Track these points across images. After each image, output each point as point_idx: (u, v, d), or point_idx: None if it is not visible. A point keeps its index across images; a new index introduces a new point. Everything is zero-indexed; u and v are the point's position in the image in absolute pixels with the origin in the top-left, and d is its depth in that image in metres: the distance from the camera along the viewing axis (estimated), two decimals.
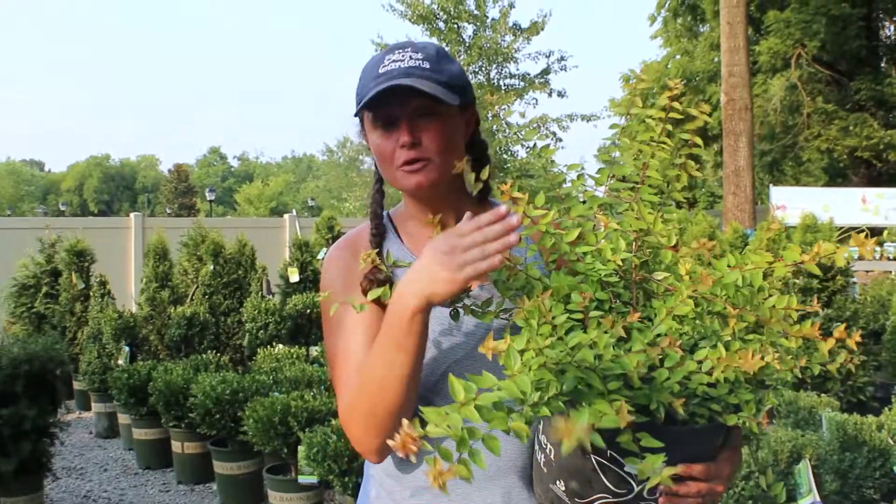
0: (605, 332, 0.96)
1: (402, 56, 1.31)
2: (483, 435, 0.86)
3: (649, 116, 1.14)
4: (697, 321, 1.03)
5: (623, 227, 1.11)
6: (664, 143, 1.13)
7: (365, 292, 1.32)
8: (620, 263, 1.08)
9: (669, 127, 1.12)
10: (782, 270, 1.01)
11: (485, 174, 1.23)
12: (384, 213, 1.48)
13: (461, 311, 1.17)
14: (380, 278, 1.32)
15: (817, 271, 1.04)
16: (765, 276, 1.02)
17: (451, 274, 1.09)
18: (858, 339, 0.98)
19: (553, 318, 0.97)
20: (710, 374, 0.97)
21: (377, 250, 1.36)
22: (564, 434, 0.83)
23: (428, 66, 1.30)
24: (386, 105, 1.30)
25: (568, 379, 0.92)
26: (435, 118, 1.32)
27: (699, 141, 1.14)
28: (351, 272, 1.39)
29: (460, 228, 1.12)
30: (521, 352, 0.93)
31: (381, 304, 1.28)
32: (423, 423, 0.86)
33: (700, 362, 0.97)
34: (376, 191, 1.47)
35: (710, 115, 1.14)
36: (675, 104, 1.11)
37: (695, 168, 1.15)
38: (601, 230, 1.13)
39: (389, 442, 0.83)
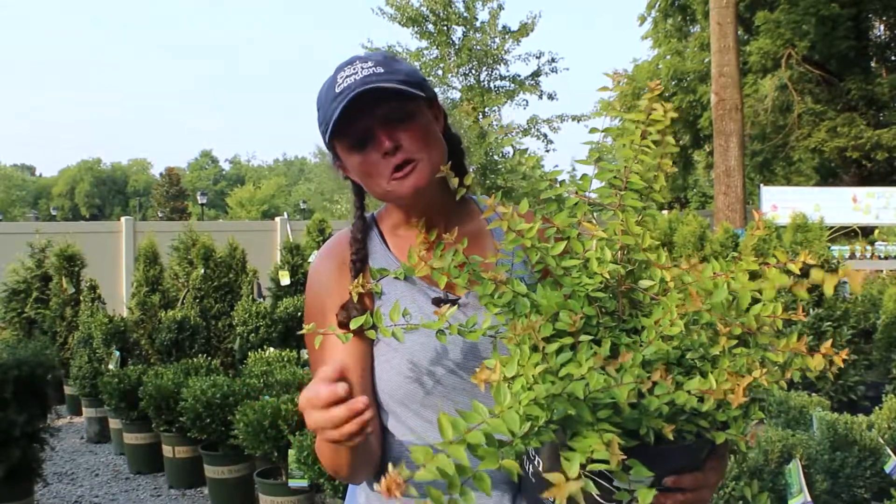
0: (596, 369, 0.93)
1: (354, 70, 1.29)
2: (474, 473, 0.84)
3: (630, 119, 1.13)
4: (683, 332, 1.02)
5: (608, 235, 1.09)
6: (647, 146, 1.11)
7: (339, 323, 1.32)
8: (607, 276, 1.06)
9: (651, 130, 1.11)
10: (772, 294, 0.99)
11: (468, 180, 1.21)
12: (369, 216, 1.47)
13: (447, 331, 1.13)
14: (356, 308, 1.31)
15: (806, 296, 1.03)
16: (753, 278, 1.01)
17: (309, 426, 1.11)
18: (845, 356, 0.97)
19: (543, 347, 0.96)
20: (700, 399, 0.96)
21: (364, 279, 1.34)
22: (556, 492, 0.80)
23: (382, 71, 1.28)
24: (355, 122, 1.28)
25: (557, 408, 0.91)
26: (408, 119, 1.30)
27: (671, 140, 1.12)
28: (335, 286, 1.38)
29: (317, 394, 1.08)
30: (513, 378, 0.92)
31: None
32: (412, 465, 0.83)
33: (690, 392, 0.96)
34: (357, 194, 1.46)
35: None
36: (656, 105, 1.10)
37: (670, 165, 1.13)
38: (587, 238, 1.11)
39: (375, 486, 0.81)
